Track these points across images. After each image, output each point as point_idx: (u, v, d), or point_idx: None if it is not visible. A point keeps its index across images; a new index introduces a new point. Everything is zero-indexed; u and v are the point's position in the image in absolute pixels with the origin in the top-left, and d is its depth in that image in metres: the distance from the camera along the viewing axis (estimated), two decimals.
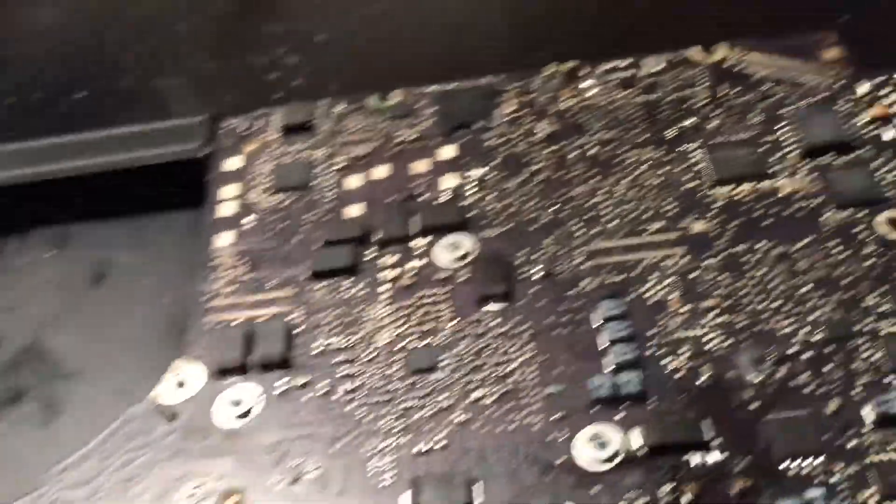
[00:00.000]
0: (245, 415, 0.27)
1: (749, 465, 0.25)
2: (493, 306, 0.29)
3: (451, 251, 0.31)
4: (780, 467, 0.24)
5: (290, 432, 0.27)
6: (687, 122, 0.33)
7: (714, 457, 0.25)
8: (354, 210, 0.32)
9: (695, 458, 0.25)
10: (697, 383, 0.26)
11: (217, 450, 0.27)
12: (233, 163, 0.35)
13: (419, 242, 0.31)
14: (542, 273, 0.30)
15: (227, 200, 0.33)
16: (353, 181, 0.33)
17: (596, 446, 0.25)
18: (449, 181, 0.33)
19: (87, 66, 0.43)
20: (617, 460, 0.25)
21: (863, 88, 0.33)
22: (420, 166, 0.34)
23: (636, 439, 0.25)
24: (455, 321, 0.29)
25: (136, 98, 0.41)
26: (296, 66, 0.42)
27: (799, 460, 0.24)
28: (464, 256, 0.30)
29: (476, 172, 0.33)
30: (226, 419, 0.27)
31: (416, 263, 0.30)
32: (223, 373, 0.28)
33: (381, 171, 0.34)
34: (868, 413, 0.25)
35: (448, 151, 0.34)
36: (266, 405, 0.27)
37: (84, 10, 0.46)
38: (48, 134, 0.37)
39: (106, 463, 0.27)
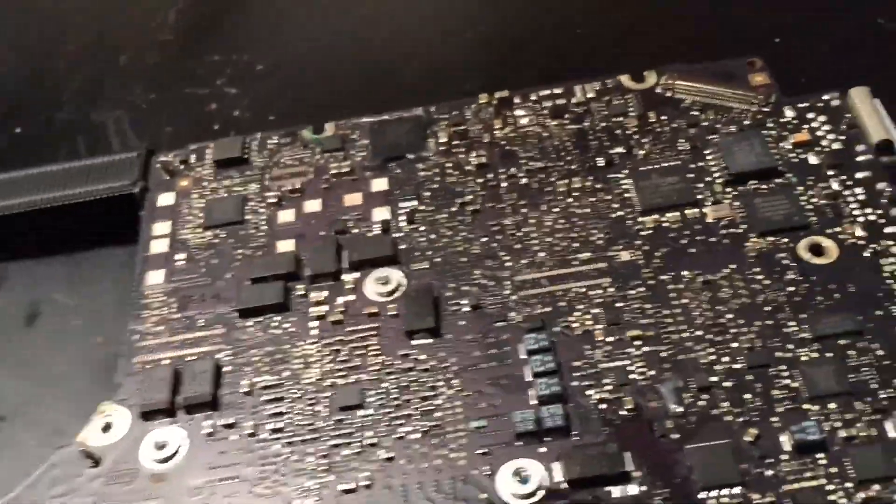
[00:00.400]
0: (171, 457, 0.27)
1: (669, 496, 0.25)
2: (420, 341, 0.29)
3: (380, 285, 0.31)
4: (699, 498, 0.25)
5: (216, 474, 0.27)
6: (616, 150, 0.34)
7: (634, 489, 0.25)
8: (286, 245, 0.32)
9: (615, 491, 0.25)
10: (620, 414, 0.27)
11: (142, 494, 0.27)
12: (166, 198, 0.35)
13: (349, 277, 0.31)
14: (470, 306, 0.30)
15: (158, 237, 0.33)
16: (285, 215, 0.33)
17: (518, 481, 0.25)
18: (380, 214, 0.33)
19: (24, 99, 0.43)
20: (539, 495, 0.25)
21: (789, 113, 0.34)
22: (352, 199, 0.34)
23: (558, 473, 0.25)
24: (383, 357, 0.29)
25: (75, 132, 0.41)
26: (235, 96, 0.42)
27: (717, 491, 0.25)
28: (393, 291, 0.31)
29: (408, 205, 0.33)
30: (152, 462, 0.27)
31: (345, 298, 0.31)
32: (150, 415, 0.28)
33: (313, 205, 0.34)
34: (785, 441, 0.25)
35: (380, 184, 0.34)
36: (192, 447, 0.27)
37: (22, 42, 0.46)
38: None
39: None
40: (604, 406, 0.27)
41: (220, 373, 0.29)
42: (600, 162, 0.33)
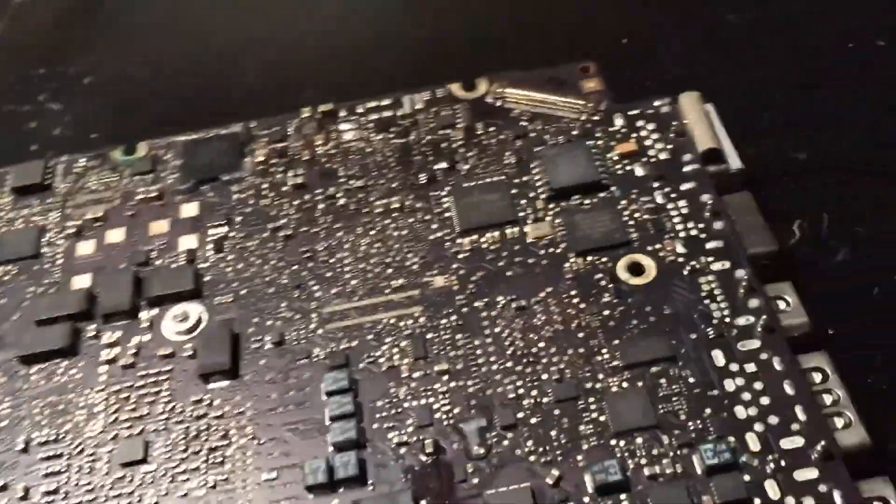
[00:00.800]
0: None
1: None
2: (215, 384, 0.27)
3: (178, 323, 0.28)
4: None
5: None
6: (440, 166, 0.32)
7: None
8: (81, 281, 0.30)
9: None
10: (420, 459, 0.25)
11: None
12: None
13: (146, 315, 0.29)
14: (273, 343, 0.28)
15: None
16: (85, 247, 0.31)
17: None
18: (187, 243, 0.31)
19: None
20: None
21: (618, 122, 0.32)
22: (158, 227, 0.31)
23: None
24: (173, 403, 0.27)
25: None
26: (58, 112, 0.40)
27: None
28: (192, 328, 0.28)
29: (217, 231, 0.31)
30: None
31: (139, 339, 0.28)
32: None
33: (116, 235, 0.31)
34: (587, 482, 0.24)
35: (191, 209, 0.32)
36: None
37: None
38: None
39: None
40: (403, 450, 0.25)
41: None
42: (422, 178, 0.32)
